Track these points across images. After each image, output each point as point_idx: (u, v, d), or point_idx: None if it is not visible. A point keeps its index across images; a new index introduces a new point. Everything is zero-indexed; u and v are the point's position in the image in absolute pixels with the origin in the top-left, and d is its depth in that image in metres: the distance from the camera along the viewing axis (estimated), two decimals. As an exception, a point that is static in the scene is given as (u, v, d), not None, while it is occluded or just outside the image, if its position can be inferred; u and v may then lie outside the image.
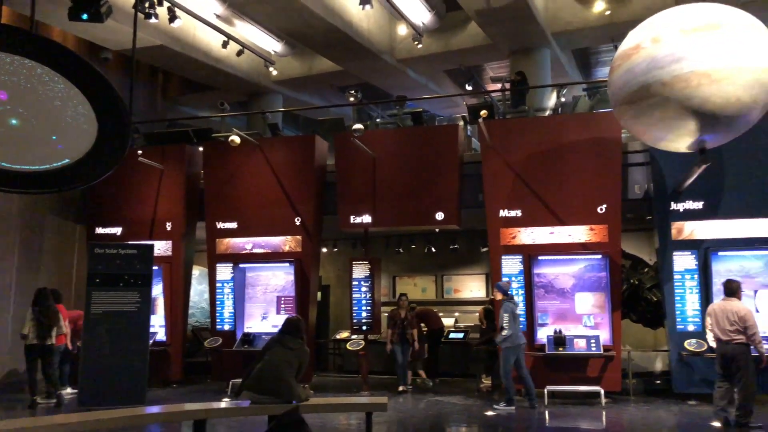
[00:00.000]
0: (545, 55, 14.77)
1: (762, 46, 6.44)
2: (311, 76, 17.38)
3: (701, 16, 6.59)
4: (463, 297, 14.85)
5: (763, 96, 6.54)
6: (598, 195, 9.17)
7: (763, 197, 8.63)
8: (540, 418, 7.98)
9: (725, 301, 7.03)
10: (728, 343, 6.81)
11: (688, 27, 6.52)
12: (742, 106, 6.49)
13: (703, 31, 6.43)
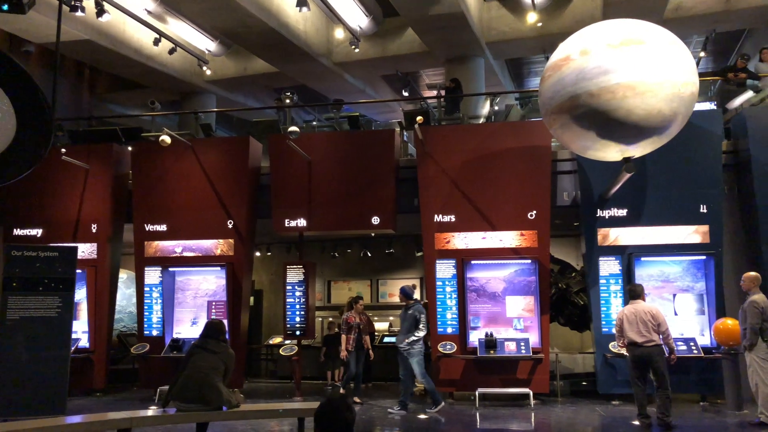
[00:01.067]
0: (479, 64, 15.08)
1: (681, 62, 6.78)
2: (246, 77, 17.11)
3: (627, 32, 6.88)
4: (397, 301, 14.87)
5: (682, 109, 6.89)
6: (529, 201, 9.42)
7: (682, 206, 9.07)
8: (471, 420, 8.09)
9: (633, 304, 7.23)
10: (644, 345, 6.98)
11: (614, 41, 6.79)
12: (664, 118, 6.80)
13: (629, 45, 6.72)
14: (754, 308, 7.11)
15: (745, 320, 7.21)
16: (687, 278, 9.09)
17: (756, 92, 10.27)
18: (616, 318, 7.35)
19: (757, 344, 7.07)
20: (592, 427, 7.85)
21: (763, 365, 7.07)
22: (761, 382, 7.06)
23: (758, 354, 7.09)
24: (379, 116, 19.42)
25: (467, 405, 8.92)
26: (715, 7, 13.01)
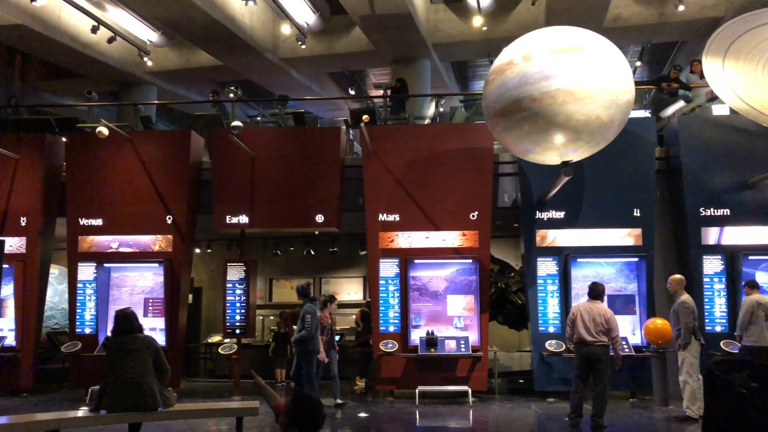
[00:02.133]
0: (426, 65, 15.22)
1: (619, 71, 7.01)
2: (189, 69, 16.71)
3: (568, 39, 7.06)
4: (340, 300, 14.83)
5: (619, 116, 7.13)
6: (471, 202, 9.57)
7: (617, 209, 9.40)
8: (410, 418, 8.16)
9: (591, 303, 7.29)
10: (593, 344, 7.05)
11: (556, 47, 6.96)
12: (601, 124, 7.02)
13: (570, 52, 6.90)
14: (686, 309, 7.43)
15: (677, 321, 7.51)
16: (620, 279, 9.43)
17: (687, 102, 10.75)
18: (570, 313, 7.38)
19: (690, 343, 7.41)
20: (528, 423, 8.03)
21: (694, 363, 7.41)
22: (690, 378, 7.39)
23: (690, 352, 7.42)
24: (325, 114, 19.33)
25: (407, 403, 8.99)
26: (650, 19, 13.53)
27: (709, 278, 9.19)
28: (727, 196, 9.29)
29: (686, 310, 7.45)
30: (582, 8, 12.37)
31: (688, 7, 12.54)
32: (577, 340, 7.15)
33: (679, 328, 7.51)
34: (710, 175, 9.35)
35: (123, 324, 5.22)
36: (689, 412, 7.39)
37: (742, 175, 9.25)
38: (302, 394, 2.83)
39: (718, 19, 12.66)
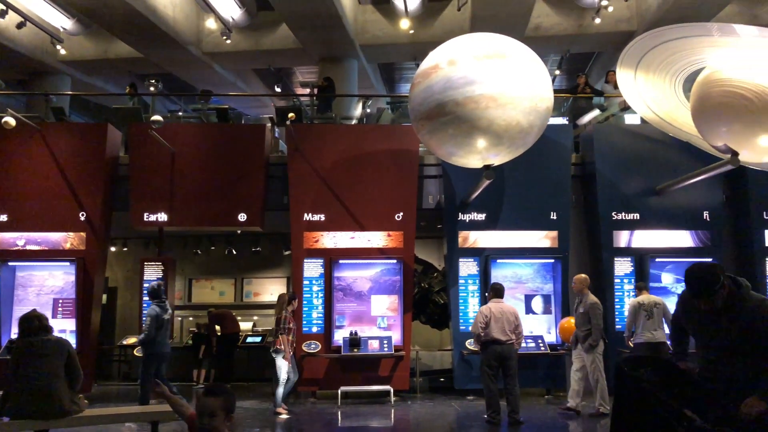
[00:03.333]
0: (353, 66, 15.24)
1: (538, 78, 7.25)
2: (106, 60, 16.02)
3: (492, 46, 7.24)
4: (263, 300, 14.68)
5: (538, 122, 7.37)
6: (396, 203, 9.65)
7: (535, 212, 9.71)
8: (332, 418, 8.13)
9: (498, 303, 7.53)
10: (506, 342, 7.29)
11: (480, 54, 7.12)
12: (521, 129, 7.23)
13: (492, 58, 7.07)
14: (599, 309, 7.76)
15: (586, 322, 7.79)
16: (537, 280, 9.76)
17: (602, 111, 11.27)
18: (480, 313, 7.49)
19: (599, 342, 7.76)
20: (448, 421, 8.18)
21: (602, 360, 7.77)
22: (601, 376, 7.74)
23: (599, 351, 7.77)
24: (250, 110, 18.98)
25: (329, 404, 8.96)
26: (569, 30, 14.09)
27: (620, 279, 9.66)
28: (637, 201, 9.79)
29: (599, 311, 7.78)
30: (505, 16, 12.72)
31: (604, 20, 13.13)
32: (490, 340, 7.30)
33: (588, 329, 7.75)
34: (622, 180, 9.82)
35: (31, 325, 4.94)
36: (602, 408, 7.75)
37: (651, 182, 9.77)
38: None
39: (631, 32, 13.32)
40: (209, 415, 2.69)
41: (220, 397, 2.74)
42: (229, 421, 2.75)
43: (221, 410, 2.71)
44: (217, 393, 2.76)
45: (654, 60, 7.80)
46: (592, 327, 7.71)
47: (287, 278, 14.39)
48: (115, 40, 14.96)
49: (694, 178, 8.88)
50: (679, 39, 7.15)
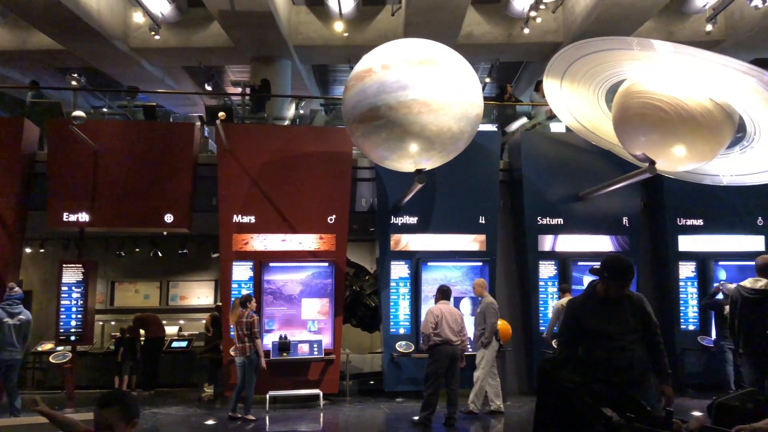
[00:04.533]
0: (286, 66, 15.10)
1: (469, 85, 7.39)
2: (25, 51, 15.22)
3: (425, 52, 7.33)
4: (189, 304, 14.31)
5: (469, 128, 7.51)
6: (329, 206, 9.61)
7: (464, 216, 9.89)
8: (259, 424, 8.00)
9: (446, 304, 7.64)
10: (455, 344, 7.45)
11: (413, 59, 7.20)
12: (453, 135, 7.35)
13: (425, 64, 7.16)
14: (494, 310, 7.98)
15: (482, 321, 7.93)
16: (466, 282, 9.93)
17: (530, 119, 11.62)
18: (431, 313, 7.58)
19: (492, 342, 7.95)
20: (377, 424, 8.21)
21: (491, 360, 7.98)
22: (484, 375, 7.94)
23: (491, 351, 7.97)
24: (179, 108, 18.50)
25: (257, 408, 8.79)
26: (499, 39, 14.46)
27: (544, 282, 9.97)
28: (561, 206, 10.13)
29: (494, 311, 7.99)
30: (438, 23, 12.92)
31: (533, 30, 13.55)
32: (441, 341, 7.39)
33: (483, 328, 7.93)
34: (547, 187, 10.15)
35: None
36: (472, 407, 7.93)
37: (574, 188, 10.13)
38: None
39: (558, 43, 13.80)
40: (107, 428, 2.49)
41: (114, 406, 2.53)
42: (133, 427, 2.56)
43: (119, 420, 2.51)
44: (110, 402, 2.54)
45: (579, 71, 8.11)
46: (486, 326, 7.89)
47: (215, 281, 14.09)
48: (35, 31, 14.24)
49: (614, 185, 9.28)
50: (602, 51, 7.47)
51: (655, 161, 7.75)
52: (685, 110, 7.06)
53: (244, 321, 7.99)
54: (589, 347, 4.00)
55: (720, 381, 8.95)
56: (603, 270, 3.99)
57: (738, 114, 7.35)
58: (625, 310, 3.97)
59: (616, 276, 3.94)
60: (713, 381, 9.31)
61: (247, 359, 7.98)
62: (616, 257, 4.11)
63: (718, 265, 10.16)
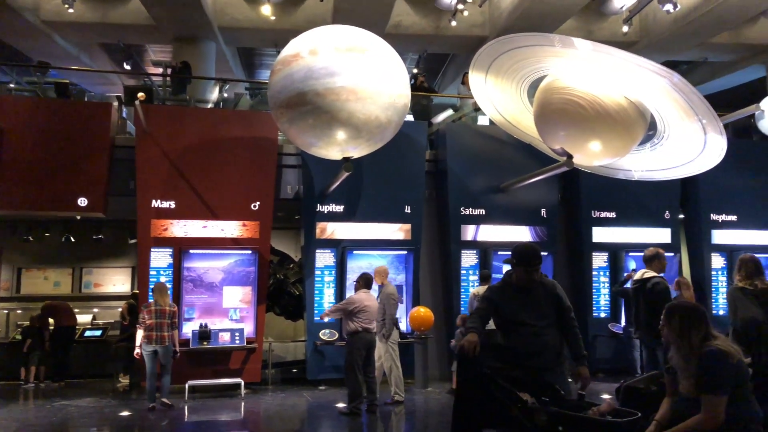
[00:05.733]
0: (210, 48, 14.64)
1: (397, 75, 7.43)
2: None
3: (353, 39, 7.30)
4: (104, 292, 13.77)
5: (396, 118, 7.56)
6: (253, 192, 9.44)
7: (390, 205, 9.96)
8: (178, 414, 7.81)
9: (367, 293, 7.66)
10: (373, 332, 7.51)
11: (342, 46, 7.15)
12: (380, 124, 7.38)
13: (354, 52, 7.13)
14: (394, 300, 8.03)
15: (381, 311, 7.89)
16: (391, 270, 9.99)
17: (455, 111, 11.79)
18: (351, 298, 7.61)
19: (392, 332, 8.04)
20: (299, 412, 8.18)
21: (396, 350, 8.11)
22: (395, 365, 8.07)
23: (392, 340, 8.08)
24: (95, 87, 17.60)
25: (176, 398, 8.57)
26: (427, 30, 14.55)
27: (465, 270, 10.20)
28: (483, 197, 10.37)
29: (393, 300, 7.98)
30: (366, 11, 12.87)
31: (460, 23, 13.72)
32: (362, 329, 7.39)
33: (383, 318, 7.88)
34: (470, 178, 10.36)
35: None
36: (396, 397, 8.02)
37: (497, 180, 10.39)
38: None
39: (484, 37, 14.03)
40: None
41: None
42: None
43: None
44: None
45: (503, 65, 8.30)
46: (386, 317, 7.87)
47: (132, 268, 13.59)
48: (-68, -3, 13.16)
49: (534, 177, 9.58)
50: (525, 47, 7.66)
51: (572, 155, 8.05)
52: (602, 107, 7.36)
53: (168, 309, 7.89)
54: (506, 333, 4.12)
55: (628, 365, 9.46)
56: (512, 258, 4.17)
57: (650, 112, 7.74)
58: (539, 296, 4.12)
59: (524, 261, 4.10)
60: (622, 365, 9.83)
61: (165, 348, 7.83)
62: (522, 244, 4.30)
63: (629, 255, 10.71)
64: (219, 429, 7.45)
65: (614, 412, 3.41)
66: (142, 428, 7.31)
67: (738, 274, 5.36)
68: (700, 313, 3.31)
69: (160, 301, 7.97)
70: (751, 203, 11.44)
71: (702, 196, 11.29)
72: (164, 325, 7.85)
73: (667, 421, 3.31)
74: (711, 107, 7.02)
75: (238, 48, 16.62)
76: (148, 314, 7.87)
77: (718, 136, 7.50)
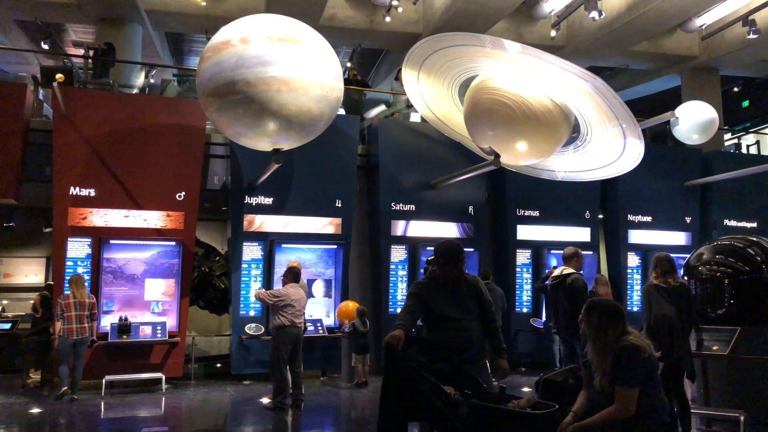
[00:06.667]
0: (137, 31, 14.07)
1: (330, 68, 7.36)
2: None
3: (286, 29, 7.18)
4: (15, 282, 13.05)
5: (328, 111, 7.50)
6: (179, 182, 9.16)
7: (321, 199, 9.90)
8: (95, 410, 7.51)
9: (294, 287, 7.53)
10: (299, 326, 7.41)
11: (274, 36, 7.02)
12: (312, 116, 7.30)
13: (286, 42, 7.02)
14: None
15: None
16: (320, 265, 9.98)
17: (388, 107, 11.85)
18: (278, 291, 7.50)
19: None
20: (222, 407, 8.03)
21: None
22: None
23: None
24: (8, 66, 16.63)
25: (92, 394, 8.24)
26: (361, 25, 14.54)
27: (395, 265, 10.28)
28: (413, 193, 10.47)
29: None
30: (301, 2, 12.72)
31: (394, 19, 13.79)
32: (289, 323, 7.29)
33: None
34: (402, 174, 10.43)
35: None
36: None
37: (427, 176, 10.51)
38: None
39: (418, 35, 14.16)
40: None
41: None
42: None
43: None
44: None
45: (435, 63, 8.40)
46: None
47: (47, 258, 12.94)
48: None
49: (463, 175, 9.76)
50: (457, 46, 7.78)
51: (500, 155, 8.25)
52: (529, 109, 7.57)
53: (87, 302, 7.75)
54: (432, 328, 4.18)
55: (548, 359, 9.80)
56: (438, 255, 4.22)
57: (574, 115, 8.02)
58: (463, 292, 4.19)
59: (450, 258, 4.15)
60: (543, 359, 10.18)
61: (82, 341, 7.66)
62: (446, 242, 4.35)
63: (551, 253, 11.08)
64: (137, 425, 7.20)
65: (534, 404, 3.52)
66: (54, 426, 6.98)
67: (654, 271, 5.64)
68: (618, 311, 3.45)
69: (77, 293, 7.78)
70: (665, 205, 12.10)
71: (620, 198, 11.84)
72: (84, 318, 7.73)
73: (584, 412, 3.45)
74: (631, 112, 7.36)
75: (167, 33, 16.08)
76: (67, 307, 7.67)
77: (636, 140, 7.87)
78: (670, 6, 11.94)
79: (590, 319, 3.44)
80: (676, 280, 5.57)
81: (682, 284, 5.65)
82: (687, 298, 5.57)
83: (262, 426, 7.12)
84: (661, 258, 5.69)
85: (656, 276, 5.59)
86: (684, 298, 5.53)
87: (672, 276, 5.57)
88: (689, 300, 5.60)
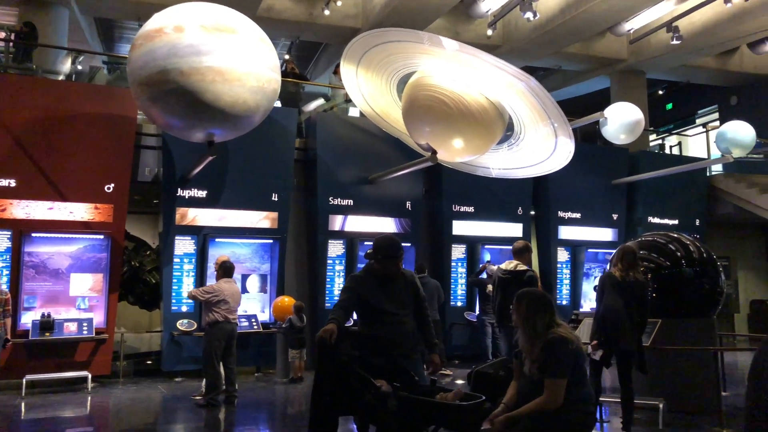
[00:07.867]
0: (63, 15, 13.43)
1: (267, 60, 7.26)
2: None
3: (222, 18, 7.02)
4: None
5: (265, 103, 7.40)
6: (107, 173, 8.82)
7: (257, 193, 9.75)
8: (14, 411, 7.17)
9: (229, 282, 7.38)
10: (233, 322, 7.28)
11: (209, 25, 6.86)
12: (248, 108, 7.18)
13: (222, 32, 6.87)
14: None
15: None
16: (255, 259, 9.84)
17: (327, 100, 11.78)
18: (210, 287, 7.34)
19: None
20: (152, 405, 7.82)
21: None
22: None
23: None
24: None
25: (11, 395, 7.86)
26: (300, 17, 14.39)
27: (332, 260, 10.25)
28: (351, 188, 10.46)
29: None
30: (239, -9, 12.48)
31: (333, 13, 13.71)
32: (223, 319, 7.15)
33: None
34: (340, 168, 10.41)
35: None
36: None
37: (365, 171, 10.53)
38: None
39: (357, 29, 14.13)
40: None
41: None
42: None
43: None
44: None
45: (374, 58, 8.40)
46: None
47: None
48: None
49: (400, 171, 9.83)
50: (396, 42, 7.82)
51: (436, 151, 8.34)
52: (465, 106, 7.69)
53: (2, 298, 7.27)
54: (369, 322, 4.19)
55: (482, 352, 10.01)
56: (376, 251, 4.20)
57: (508, 114, 8.20)
58: (400, 287, 4.21)
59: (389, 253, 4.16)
60: (476, 352, 10.38)
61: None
62: (384, 237, 4.35)
63: (484, 248, 11.31)
64: (61, 426, 6.90)
65: (462, 396, 3.59)
66: (-31, 429, 6.62)
67: (620, 262, 5.60)
68: (546, 300, 3.59)
69: None
70: (594, 202, 12.55)
71: (551, 195, 12.21)
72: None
73: (514, 403, 3.54)
74: (562, 112, 7.58)
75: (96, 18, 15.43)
76: None
77: (567, 139, 8.12)
78: (601, 10, 12.35)
79: (520, 308, 3.56)
80: (636, 276, 5.56)
81: (638, 280, 5.59)
82: (641, 294, 5.55)
83: (193, 423, 6.97)
84: (627, 251, 5.65)
85: (620, 269, 5.56)
86: (637, 293, 5.51)
87: (634, 270, 5.56)
88: (643, 295, 5.57)
